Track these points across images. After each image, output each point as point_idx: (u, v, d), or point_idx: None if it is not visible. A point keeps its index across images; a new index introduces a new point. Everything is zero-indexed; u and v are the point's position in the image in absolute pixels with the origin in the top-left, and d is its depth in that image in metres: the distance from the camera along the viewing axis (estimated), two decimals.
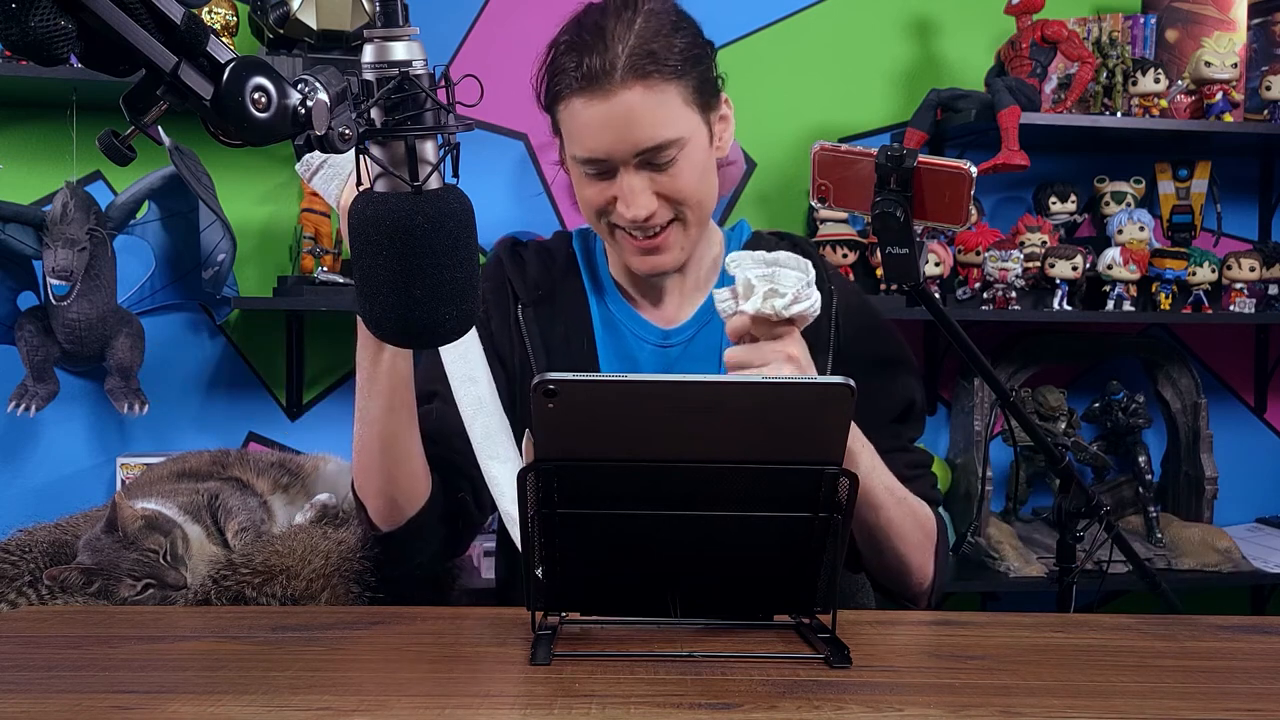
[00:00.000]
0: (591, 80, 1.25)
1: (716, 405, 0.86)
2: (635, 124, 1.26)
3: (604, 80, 1.25)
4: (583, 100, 1.26)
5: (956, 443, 2.84)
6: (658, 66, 1.25)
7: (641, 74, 1.25)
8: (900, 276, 1.21)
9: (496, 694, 0.81)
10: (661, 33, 1.27)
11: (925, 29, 2.85)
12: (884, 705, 0.80)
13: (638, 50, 1.25)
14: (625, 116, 1.25)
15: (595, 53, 1.25)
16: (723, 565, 0.96)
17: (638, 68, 1.25)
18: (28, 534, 1.24)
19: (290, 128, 0.84)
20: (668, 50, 1.26)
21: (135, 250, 2.41)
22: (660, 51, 1.26)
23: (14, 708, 0.77)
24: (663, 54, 1.26)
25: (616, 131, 1.26)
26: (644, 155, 1.27)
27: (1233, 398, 3.06)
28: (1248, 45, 2.82)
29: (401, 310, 0.90)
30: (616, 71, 1.25)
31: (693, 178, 1.30)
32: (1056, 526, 1.45)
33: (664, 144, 1.26)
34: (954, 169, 1.16)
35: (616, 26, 1.27)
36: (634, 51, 1.25)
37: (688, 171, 1.29)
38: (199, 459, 1.47)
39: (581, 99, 1.26)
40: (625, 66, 1.24)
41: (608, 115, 1.26)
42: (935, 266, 2.63)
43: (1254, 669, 0.95)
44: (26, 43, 0.72)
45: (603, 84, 1.25)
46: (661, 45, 1.26)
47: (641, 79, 1.25)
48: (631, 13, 1.28)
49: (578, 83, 1.26)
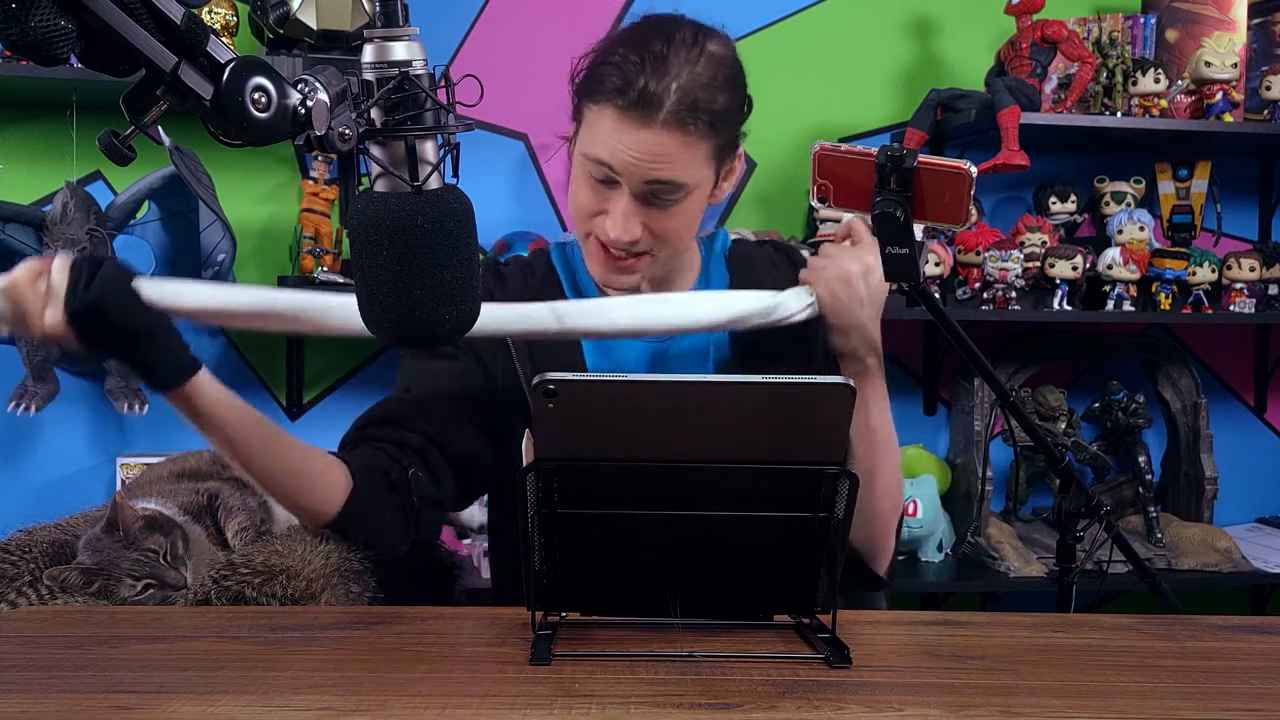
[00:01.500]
0: (636, 105, 1.26)
1: (716, 405, 0.86)
2: (658, 161, 1.27)
3: (648, 111, 1.26)
4: (619, 116, 1.27)
5: (956, 443, 2.84)
6: (697, 121, 1.27)
7: (681, 122, 1.26)
8: (900, 276, 1.21)
9: (496, 694, 0.81)
10: (714, 84, 1.28)
11: (925, 29, 2.85)
12: (884, 705, 0.80)
13: (688, 97, 1.26)
14: (652, 151, 1.27)
15: (651, 79, 1.26)
16: (723, 565, 0.96)
17: (681, 114, 1.26)
18: (28, 534, 1.24)
19: (290, 128, 0.85)
20: (711, 104, 1.28)
21: (135, 250, 2.40)
22: (705, 104, 1.27)
23: (14, 708, 0.77)
24: (706, 107, 1.27)
25: (638, 159, 1.27)
26: (651, 187, 1.28)
27: (1233, 398, 3.06)
28: (1248, 45, 2.82)
29: (401, 310, 0.90)
30: (662, 110, 1.26)
31: (684, 220, 1.33)
32: (1056, 526, 1.45)
33: (674, 185, 1.28)
34: (954, 169, 1.15)
35: (679, 63, 1.27)
36: (684, 97, 1.26)
37: (682, 215, 1.32)
38: (199, 459, 1.47)
39: (619, 114, 1.27)
40: (670, 108, 1.26)
41: (637, 143, 1.27)
42: (935, 266, 2.63)
43: (1254, 669, 0.95)
44: (26, 43, 0.72)
45: (645, 113, 1.26)
46: (708, 98, 1.27)
47: (680, 126, 1.26)
48: (697, 51, 1.29)
49: (622, 98, 1.26)
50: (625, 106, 1.26)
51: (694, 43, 1.29)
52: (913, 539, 2.63)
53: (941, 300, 2.66)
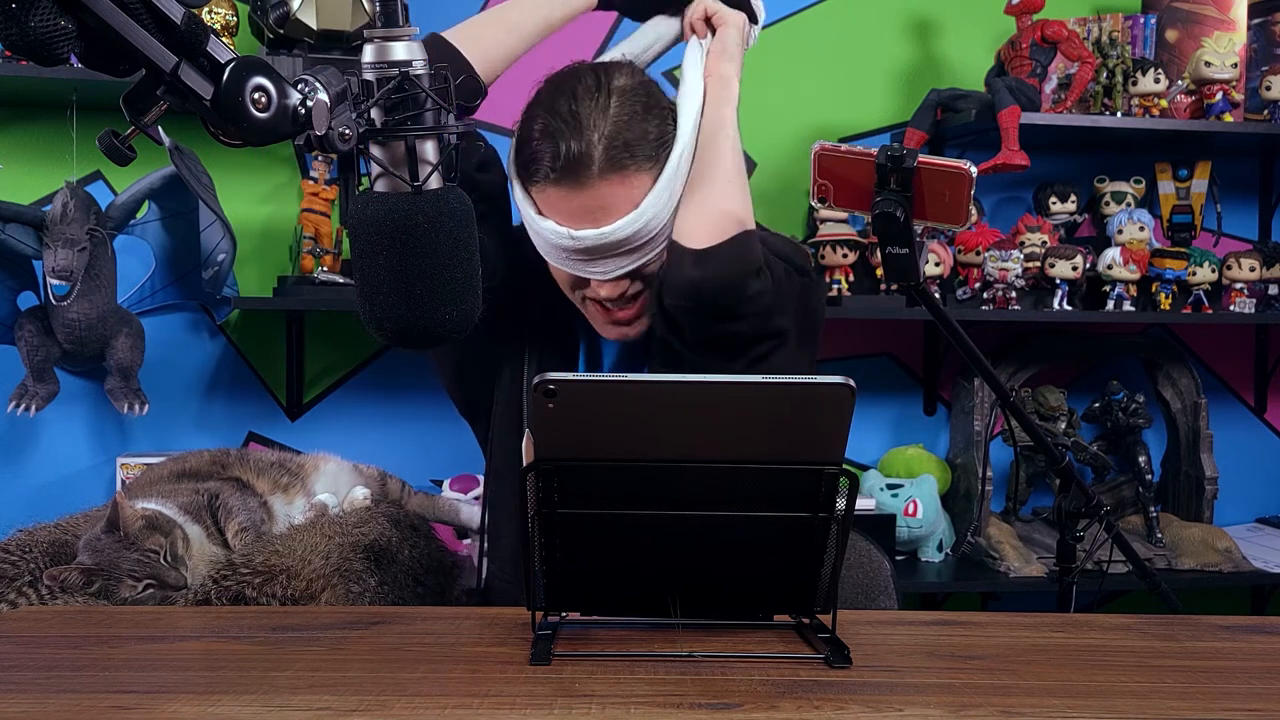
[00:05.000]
0: (568, 172, 1.26)
1: (716, 405, 0.86)
2: (611, 213, 1.27)
3: (581, 173, 1.26)
4: (559, 190, 1.28)
5: (956, 443, 2.84)
6: (633, 158, 1.26)
7: (618, 167, 1.26)
8: (900, 276, 1.21)
9: (496, 694, 0.81)
10: (635, 118, 1.28)
11: (925, 29, 2.85)
12: (884, 705, 0.80)
13: (614, 142, 1.26)
14: (601, 205, 1.26)
15: (572, 140, 1.25)
16: (723, 565, 0.96)
17: (614, 160, 1.26)
18: (28, 534, 1.25)
19: (290, 128, 0.85)
20: (642, 139, 1.27)
21: (135, 250, 2.40)
22: (635, 142, 1.27)
23: (14, 708, 0.77)
24: (637, 143, 1.27)
25: (591, 220, 1.27)
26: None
27: (1233, 398, 3.06)
28: (1248, 45, 2.82)
29: (401, 310, 0.90)
30: (594, 165, 1.25)
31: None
32: (1056, 526, 1.45)
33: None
34: (954, 169, 1.16)
35: (592, 113, 1.27)
36: (610, 144, 1.26)
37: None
38: (199, 459, 1.47)
39: (558, 189, 1.28)
40: (602, 160, 1.25)
41: (583, 205, 1.27)
42: (935, 266, 2.63)
43: (1254, 669, 0.95)
44: (26, 43, 0.72)
45: (580, 176, 1.26)
46: (636, 134, 1.27)
47: (618, 171, 1.26)
48: (605, 96, 1.28)
49: (554, 173, 1.27)
50: (560, 178, 1.26)
51: (599, 87, 1.29)
52: (913, 539, 2.63)
53: (941, 300, 2.66)
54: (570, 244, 1.27)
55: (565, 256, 1.30)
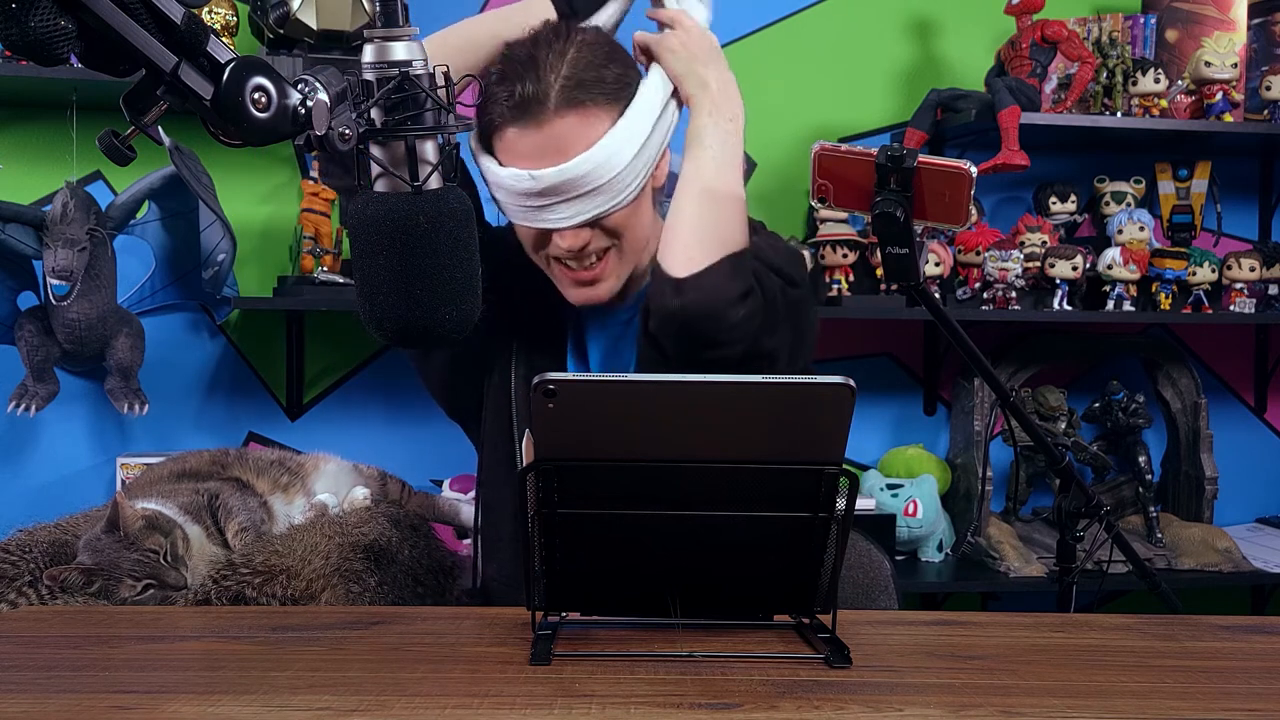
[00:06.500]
0: (524, 109, 1.25)
1: (716, 405, 0.86)
2: (568, 152, 1.26)
3: (537, 109, 1.25)
4: (516, 129, 1.27)
5: (956, 443, 2.84)
6: (590, 95, 1.26)
7: (574, 102, 1.25)
8: (900, 276, 1.21)
9: (496, 694, 0.81)
10: (595, 63, 1.28)
11: (925, 29, 2.85)
12: (884, 705, 0.80)
13: (570, 80, 1.26)
14: (558, 145, 1.26)
15: (528, 81, 1.25)
16: (723, 565, 0.96)
17: (570, 97, 1.25)
18: (28, 534, 1.25)
19: (290, 128, 0.85)
20: (599, 80, 1.27)
21: (135, 250, 2.40)
22: (592, 81, 1.26)
23: (14, 708, 0.77)
24: (594, 83, 1.26)
25: (550, 159, 1.26)
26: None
27: (1233, 398, 3.06)
28: (1248, 45, 2.82)
29: (401, 310, 0.90)
30: (550, 100, 1.25)
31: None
32: (1056, 526, 1.45)
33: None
34: (954, 169, 1.15)
35: (549, 56, 1.27)
36: (566, 81, 1.25)
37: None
38: (199, 459, 1.47)
39: (515, 128, 1.27)
40: (558, 95, 1.25)
41: (541, 143, 1.26)
42: (935, 266, 2.63)
43: (1254, 669, 0.95)
44: (26, 43, 0.72)
45: (535, 113, 1.25)
46: (593, 76, 1.27)
47: (574, 107, 1.25)
48: (564, 43, 1.28)
49: (510, 112, 1.26)
50: (516, 116, 1.26)
51: (562, 35, 1.29)
52: (913, 539, 2.63)
53: (941, 300, 2.66)
54: (530, 185, 1.26)
55: (526, 204, 1.28)
